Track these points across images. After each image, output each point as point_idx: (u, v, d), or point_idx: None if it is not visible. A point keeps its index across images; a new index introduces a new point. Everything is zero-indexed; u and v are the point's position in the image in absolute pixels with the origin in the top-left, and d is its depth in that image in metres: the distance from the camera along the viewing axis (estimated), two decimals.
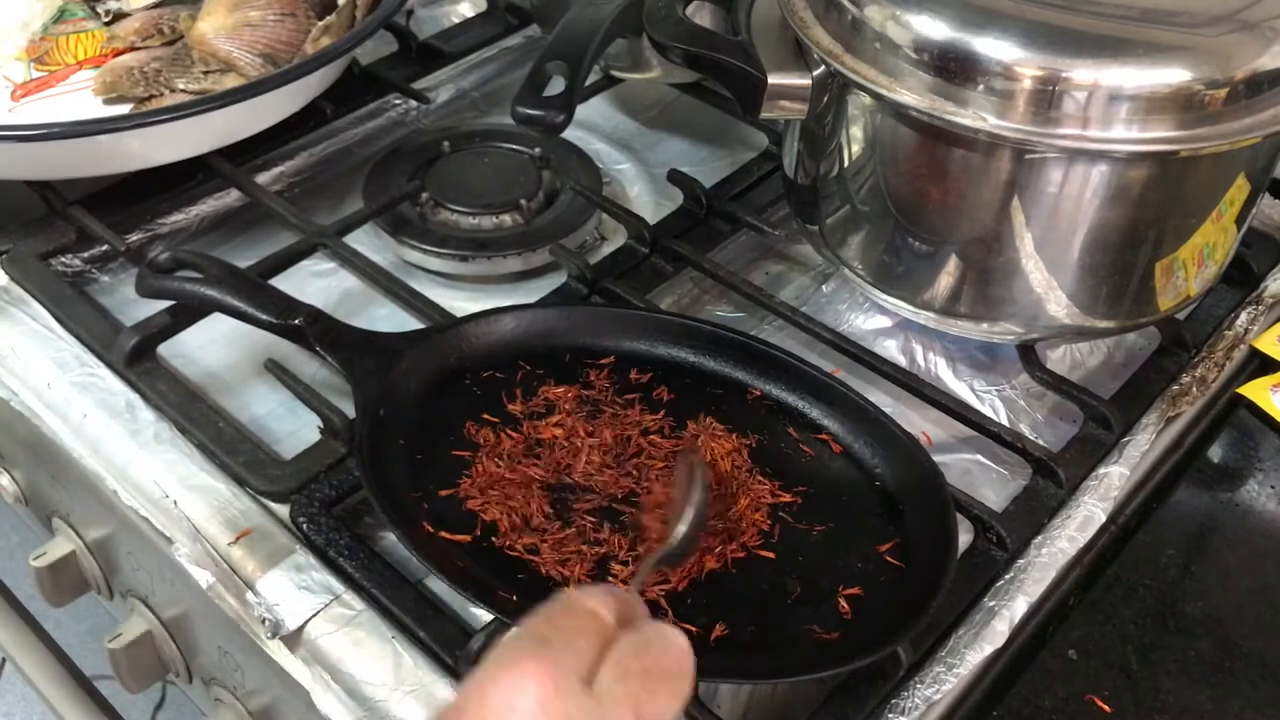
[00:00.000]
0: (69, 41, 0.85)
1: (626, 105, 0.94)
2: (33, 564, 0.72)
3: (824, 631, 0.53)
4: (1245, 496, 0.65)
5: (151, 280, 0.64)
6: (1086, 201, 0.60)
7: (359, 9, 0.83)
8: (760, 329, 0.73)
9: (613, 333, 0.66)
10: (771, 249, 0.80)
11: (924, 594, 0.53)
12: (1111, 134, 0.57)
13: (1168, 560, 0.61)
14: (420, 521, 0.55)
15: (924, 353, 0.73)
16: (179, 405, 0.64)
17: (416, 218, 0.78)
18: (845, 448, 0.62)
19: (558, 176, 0.82)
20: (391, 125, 0.90)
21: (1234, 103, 0.57)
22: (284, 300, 0.64)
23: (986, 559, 0.59)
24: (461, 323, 0.66)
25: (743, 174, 0.83)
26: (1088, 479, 0.63)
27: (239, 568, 0.57)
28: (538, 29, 0.97)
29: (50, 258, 0.74)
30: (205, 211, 0.80)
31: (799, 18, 0.65)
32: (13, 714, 1.32)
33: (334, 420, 0.61)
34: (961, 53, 0.58)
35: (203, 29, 0.80)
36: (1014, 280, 0.64)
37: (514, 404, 0.62)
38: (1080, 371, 0.73)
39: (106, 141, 0.70)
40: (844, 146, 0.65)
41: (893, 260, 0.67)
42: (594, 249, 0.80)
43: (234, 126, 0.76)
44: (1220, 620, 0.58)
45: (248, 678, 0.63)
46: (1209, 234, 0.64)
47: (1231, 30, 0.58)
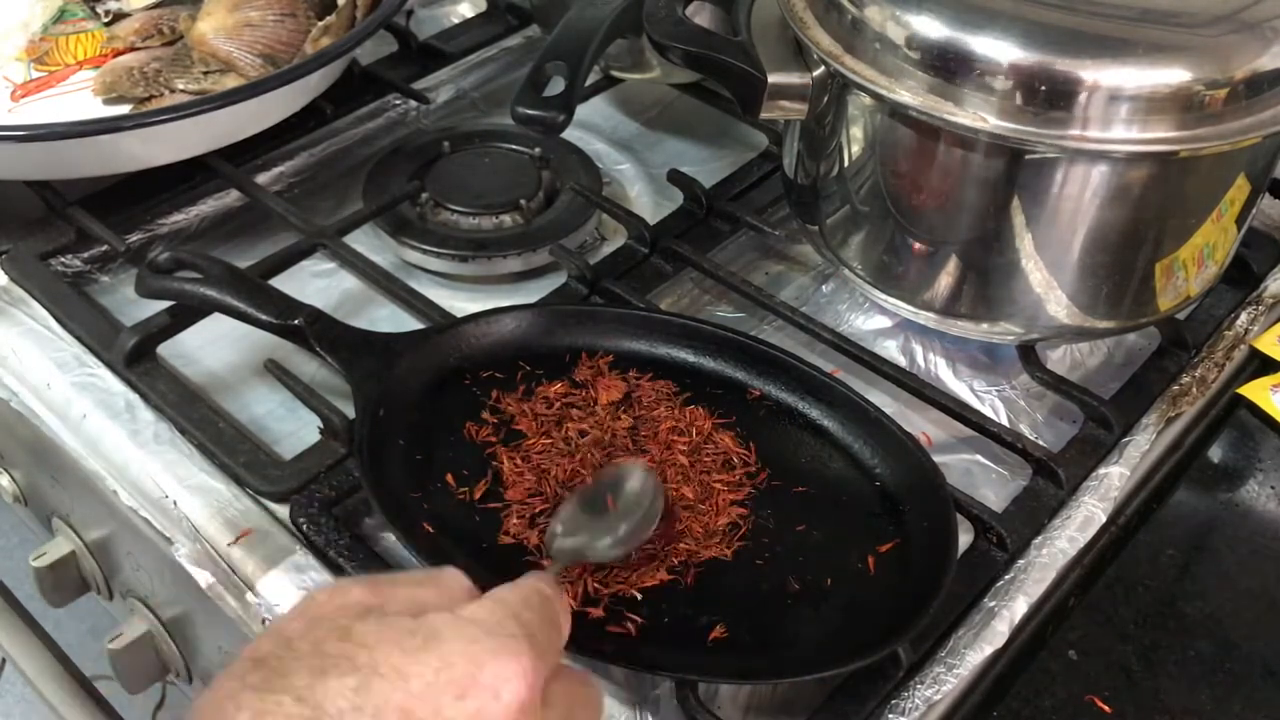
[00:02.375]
0: (69, 42, 0.85)
1: (626, 105, 0.94)
2: (33, 564, 0.72)
3: (824, 631, 0.53)
4: (1245, 496, 0.65)
5: (151, 280, 0.64)
6: (1086, 202, 0.60)
7: (359, 9, 0.83)
8: (760, 329, 0.73)
9: (613, 333, 0.66)
10: (771, 249, 0.80)
11: (924, 594, 0.53)
12: (1111, 134, 0.57)
13: (1168, 560, 0.61)
14: (420, 522, 0.55)
15: (924, 353, 0.73)
16: (179, 405, 0.64)
17: (416, 218, 0.78)
18: (845, 448, 0.62)
19: (558, 176, 0.82)
20: (391, 125, 0.90)
21: (1234, 103, 0.57)
22: (284, 300, 0.64)
23: (986, 559, 0.59)
24: (461, 323, 0.66)
25: (743, 174, 0.83)
26: (1088, 479, 0.63)
27: (239, 568, 0.57)
28: (538, 29, 0.97)
29: (50, 258, 0.74)
30: (205, 211, 0.80)
31: (799, 18, 0.65)
32: (12, 714, 1.32)
33: (334, 420, 0.61)
34: (961, 53, 0.58)
35: (203, 29, 0.80)
36: (1014, 280, 0.64)
37: (514, 404, 0.62)
38: (1080, 371, 0.73)
39: (106, 141, 0.70)
40: (844, 147, 0.65)
41: (893, 260, 0.67)
42: (594, 249, 0.80)
43: (234, 126, 0.76)
44: (1220, 620, 0.58)
45: None
46: (1209, 234, 0.64)
47: (1231, 30, 0.58)
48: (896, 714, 0.52)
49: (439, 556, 0.54)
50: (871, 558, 0.57)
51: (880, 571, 0.56)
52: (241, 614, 0.56)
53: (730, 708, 0.54)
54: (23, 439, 0.69)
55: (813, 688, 0.54)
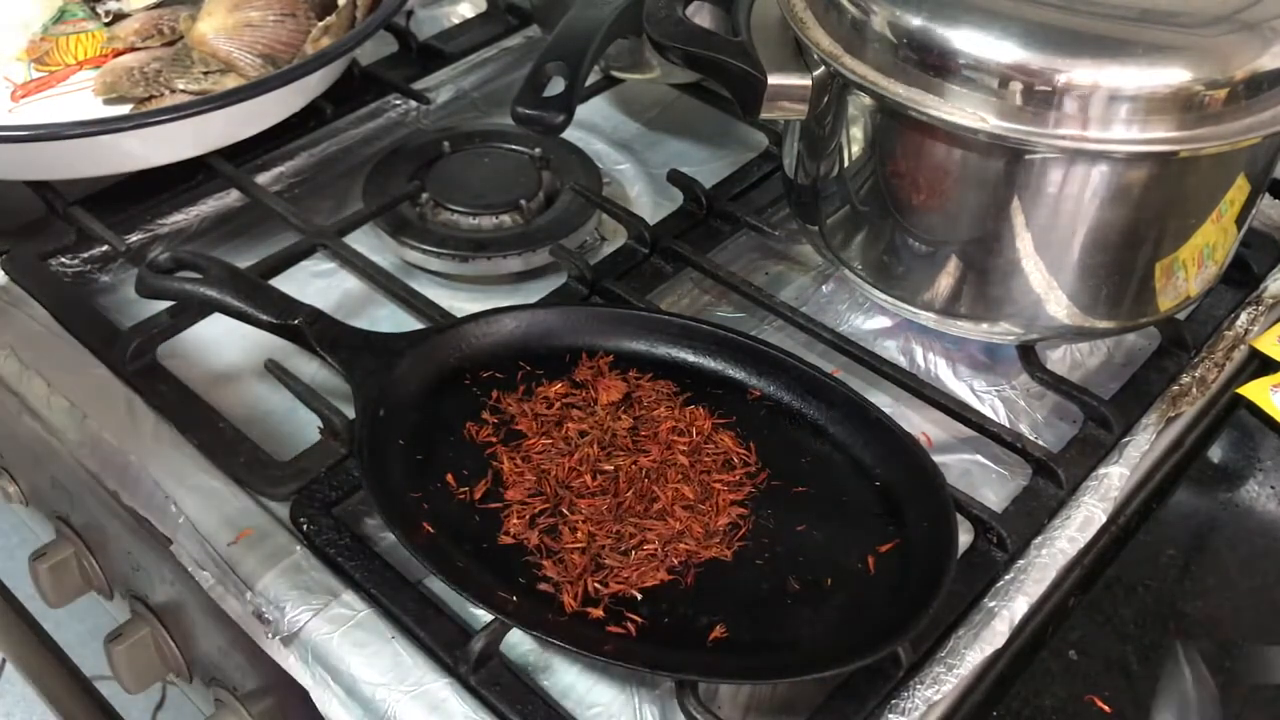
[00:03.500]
0: (69, 42, 0.85)
1: (626, 105, 0.94)
2: (33, 564, 0.72)
3: (824, 632, 0.53)
4: (1245, 496, 0.65)
5: (151, 280, 0.64)
6: (1086, 202, 0.60)
7: (359, 9, 0.83)
8: (760, 329, 0.73)
9: (613, 333, 0.66)
10: (771, 249, 0.80)
11: (924, 594, 0.53)
12: (1111, 134, 0.57)
13: (1168, 560, 0.61)
14: (420, 522, 0.55)
15: (924, 353, 0.73)
16: (179, 405, 0.64)
17: (416, 218, 0.78)
18: (845, 448, 0.62)
19: (558, 177, 0.82)
20: (391, 125, 0.90)
21: (1234, 103, 0.57)
22: (284, 300, 0.64)
23: (986, 559, 0.59)
24: (461, 323, 0.66)
25: (743, 174, 0.83)
26: (1088, 479, 0.63)
27: (239, 568, 0.57)
28: (538, 29, 0.97)
29: (50, 258, 0.74)
30: (205, 211, 0.80)
31: (799, 18, 0.65)
32: (13, 714, 1.32)
33: (334, 420, 0.61)
34: (961, 53, 0.58)
35: (203, 29, 0.80)
36: (1014, 280, 0.64)
37: (514, 404, 0.62)
38: (1080, 371, 0.73)
39: (106, 141, 0.70)
40: (844, 147, 0.65)
41: (893, 260, 0.67)
42: (594, 249, 0.80)
43: (234, 127, 0.76)
44: (1220, 620, 0.58)
45: (248, 678, 0.63)
46: (1209, 234, 0.64)
47: (1231, 30, 0.58)
48: (896, 714, 0.52)
49: (439, 556, 0.54)
50: (871, 558, 0.57)
51: (880, 571, 0.56)
52: (241, 614, 0.56)
53: (730, 708, 0.54)
54: (23, 439, 0.69)
55: (813, 688, 0.54)
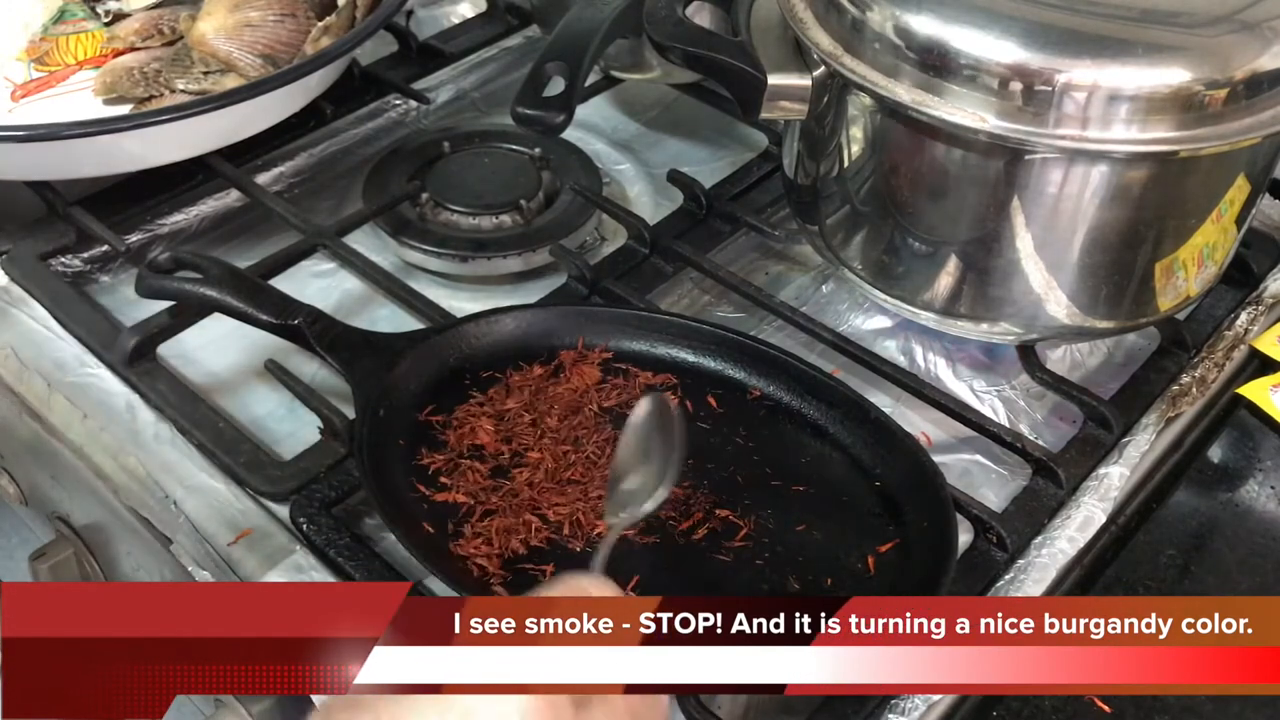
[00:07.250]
0: (69, 42, 0.85)
1: (626, 105, 0.94)
2: (33, 564, 0.72)
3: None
4: (1245, 496, 0.65)
5: (151, 280, 0.64)
6: (1086, 202, 0.60)
7: (359, 9, 0.83)
8: (760, 329, 0.73)
9: (613, 333, 0.66)
10: (771, 249, 0.80)
11: (924, 594, 0.53)
12: (1111, 134, 0.57)
13: (1168, 560, 0.61)
14: (420, 522, 0.55)
15: (924, 353, 0.73)
16: (179, 405, 0.64)
17: (416, 218, 0.78)
18: (845, 448, 0.62)
19: (558, 177, 0.82)
20: (391, 125, 0.90)
21: (1234, 103, 0.57)
22: (284, 300, 0.64)
23: (986, 559, 0.59)
24: (461, 323, 0.66)
25: (743, 174, 0.83)
26: (1088, 479, 0.63)
27: (239, 568, 0.57)
28: (538, 29, 0.97)
29: (50, 258, 0.74)
30: (205, 212, 0.80)
31: (799, 18, 0.65)
32: None
33: (334, 421, 0.61)
34: (961, 53, 0.58)
35: (203, 29, 0.80)
36: (1014, 280, 0.64)
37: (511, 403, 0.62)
38: (1080, 371, 0.73)
39: (106, 141, 0.70)
40: (844, 147, 0.65)
41: (893, 260, 0.67)
42: (594, 249, 0.80)
43: (234, 127, 0.76)
44: None
45: None
46: (1209, 234, 0.64)
47: (1231, 30, 0.58)
48: (896, 714, 0.52)
49: (439, 556, 0.54)
50: (871, 558, 0.57)
51: (880, 571, 0.56)
52: None
53: (730, 707, 0.54)
54: (23, 439, 0.69)
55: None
